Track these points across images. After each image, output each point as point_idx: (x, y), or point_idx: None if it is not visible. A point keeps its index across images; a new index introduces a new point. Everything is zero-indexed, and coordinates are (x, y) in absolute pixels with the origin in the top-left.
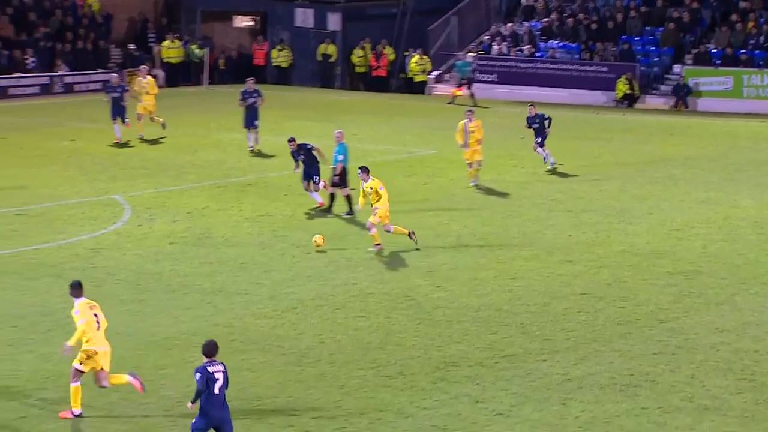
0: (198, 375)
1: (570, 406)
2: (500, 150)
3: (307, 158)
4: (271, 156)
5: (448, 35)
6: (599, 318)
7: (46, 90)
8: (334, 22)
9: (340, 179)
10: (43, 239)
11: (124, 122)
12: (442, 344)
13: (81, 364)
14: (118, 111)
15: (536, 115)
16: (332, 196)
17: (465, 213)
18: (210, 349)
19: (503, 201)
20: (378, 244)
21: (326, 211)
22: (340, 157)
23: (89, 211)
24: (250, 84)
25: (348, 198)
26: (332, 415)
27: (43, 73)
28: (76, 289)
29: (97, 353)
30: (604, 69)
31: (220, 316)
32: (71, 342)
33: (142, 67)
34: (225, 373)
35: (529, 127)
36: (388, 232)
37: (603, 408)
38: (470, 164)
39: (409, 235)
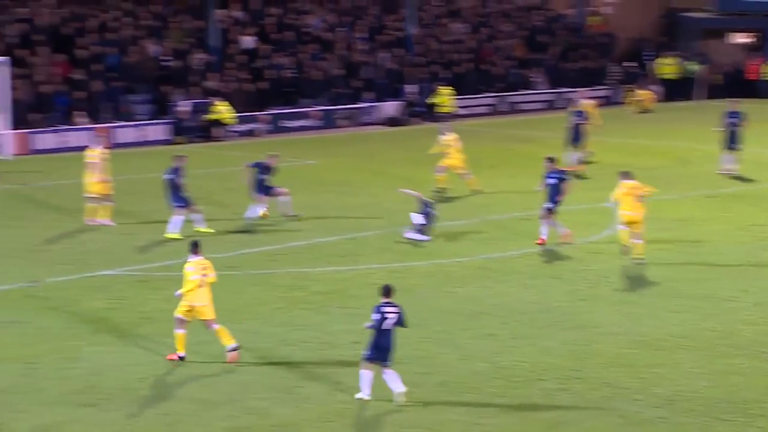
0: (376, 315)
1: None
2: None
3: (555, 184)
4: (748, 180)
5: None
6: None
7: (550, 105)
8: None
9: None
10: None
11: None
12: None
13: (183, 314)
14: (578, 137)
15: None
16: None
17: None
18: (387, 291)
19: None
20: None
21: None
22: None
23: (586, 217)
24: (733, 104)
25: None
26: None
27: (549, 90)
28: (195, 247)
29: (194, 308)
30: None
31: (707, 321)
32: (182, 291)
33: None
34: (398, 313)
35: None
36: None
37: None
38: None
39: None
